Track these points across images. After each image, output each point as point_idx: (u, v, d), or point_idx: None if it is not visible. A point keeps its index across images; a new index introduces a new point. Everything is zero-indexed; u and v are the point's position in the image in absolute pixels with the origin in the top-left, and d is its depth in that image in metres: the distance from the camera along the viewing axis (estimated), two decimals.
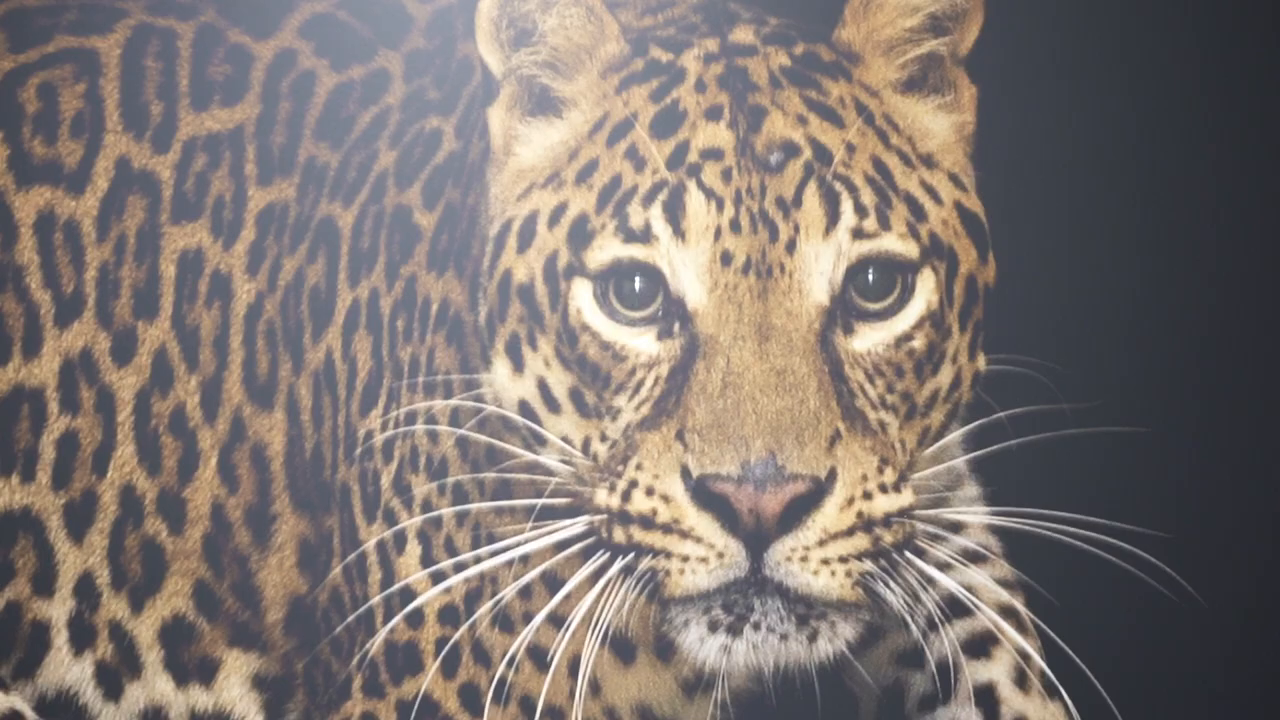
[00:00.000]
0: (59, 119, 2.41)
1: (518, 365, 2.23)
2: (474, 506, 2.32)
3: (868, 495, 2.09)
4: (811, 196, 2.13)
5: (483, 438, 2.31)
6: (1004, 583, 2.43)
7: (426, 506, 2.33)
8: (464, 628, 2.33)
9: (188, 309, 2.42)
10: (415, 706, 2.32)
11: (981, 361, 2.26)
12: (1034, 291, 2.52)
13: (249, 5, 2.51)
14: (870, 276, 2.16)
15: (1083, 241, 2.59)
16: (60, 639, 2.41)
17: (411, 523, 2.33)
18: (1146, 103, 2.66)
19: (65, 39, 2.44)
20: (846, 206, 2.13)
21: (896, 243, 2.14)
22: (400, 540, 2.34)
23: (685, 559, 2.10)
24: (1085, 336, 2.49)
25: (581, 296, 2.17)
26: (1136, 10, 2.67)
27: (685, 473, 2.07)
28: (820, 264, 2.13)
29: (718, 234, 2.14)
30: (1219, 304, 2.68)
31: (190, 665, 2.44)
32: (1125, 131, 2.67)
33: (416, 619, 2.32)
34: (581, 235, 2.19)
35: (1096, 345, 2.51)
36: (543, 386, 2.21)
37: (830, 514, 2.06)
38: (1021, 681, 2.39)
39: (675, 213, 2.14)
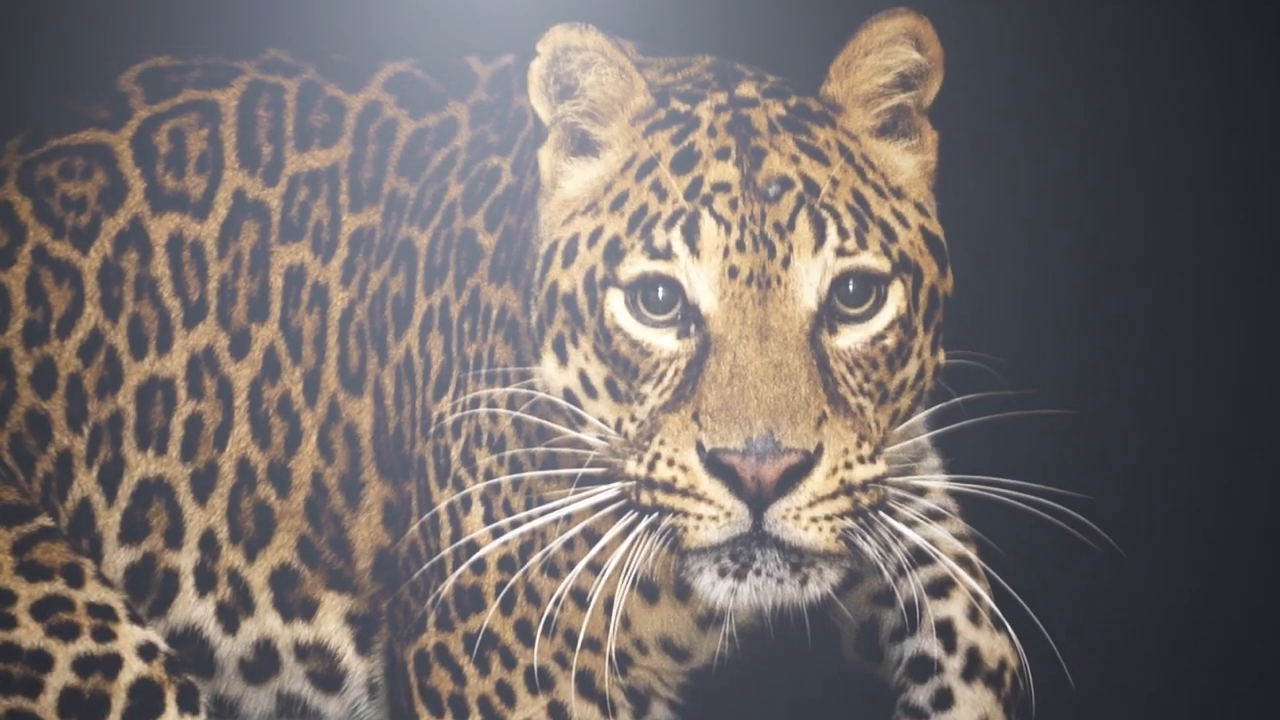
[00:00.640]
0: (186, 158, 2.62)
1: (562, 359, 2.40)
2: (527, 475, 2.49)
3: (848, 465, 2.26)
4: (803, 222, 2.31)
5: (534, 418, 2.46)
6: (960, 536, 2.60)
7: (488, 475, 2.51)
8: (519, 574, 2.50)
9: (292, 313, 2.62)
10: (479, 638, 2.49)
11: (941, 356, 2.43)
12: (985, 300, 2.55)
13: (342, 65, 2.67)
14: (850, 287, 2.31)
15: (1024, 261, 2.69)
16: (187, 584, 2.62)
17: (475, 488, 2.50)
18: (1080, 143, 2.75)
19: (192, 92, 2.63)
20: (831, 230, 2.30)
21: (872, 260, 2.31)
22: (466, 502, 2.52)
23: (699, 518, 2.27)
24: (1026, 337, 2.57)
25: (615, 303, 2.33)
26: (1075, 63, 2.80)
27: (699, 447, 2.23)
28: (810, 277, 2.31)
29: (726, 252, 2.32)
30: (1127, 314, 2.78)
31: (294, 605, 2.64)
32: (1064, 173, 2.77)
33: (480, 567, 2.50)
34: (615, 253, 2.36)
35: (1035, 344, 2.60)
36: (583, 377, 2.39)
37: (818, 480, 2.23)
38: (974, 617, 2.57)
39: (691, 235, 2.32)
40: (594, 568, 2.38)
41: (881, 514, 2.32)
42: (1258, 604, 2.75)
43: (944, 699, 2.54)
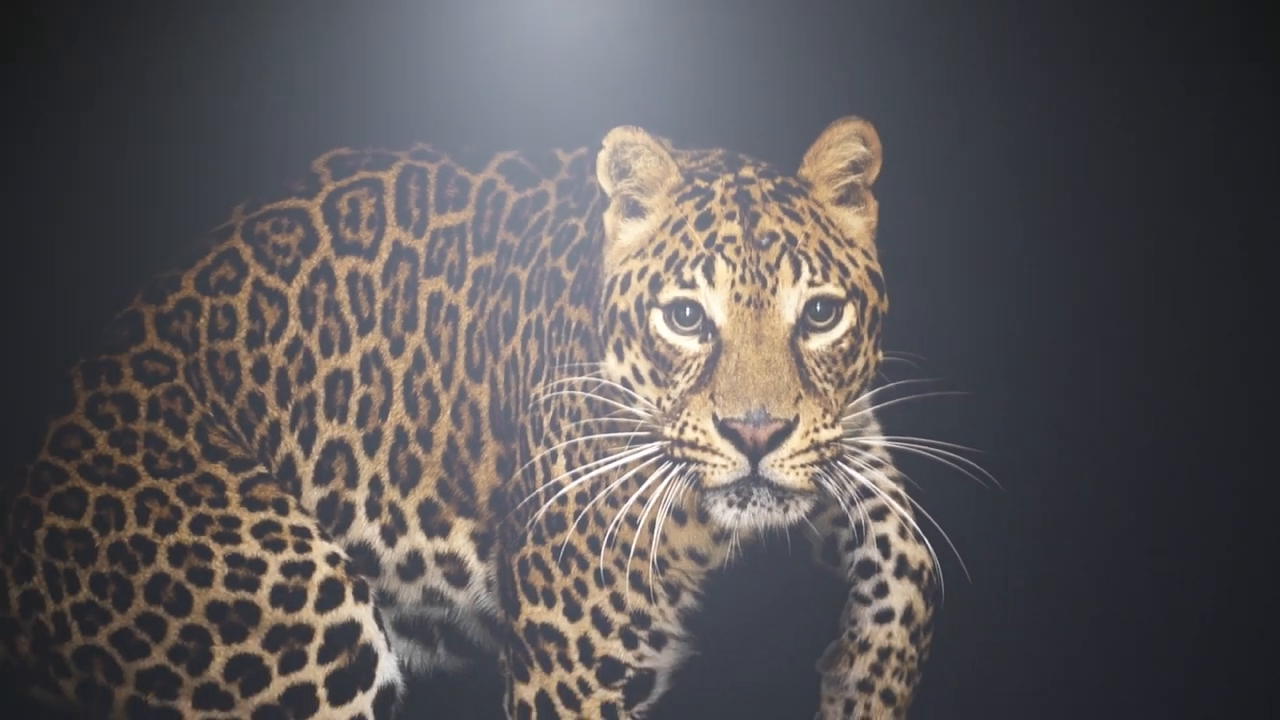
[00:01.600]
0: (360, 218, 3.08)
1: (620, 357, 2.85)
2: (595, 436, 2.92)
3: (816, 430, 2.73)
4: (785, 263, 2.78)
5: (600, 398, 2.90)
6: (892, 478, 3.07)
7: (568, 436, 2.96)
8: (589, 505, 2.93)
9: (433, 326, 3.06)
10: (562, 549, 2.94)
11: (880, 355, 2.90)
12: (909, 315, 2.98)
13: (468, 154, 3.10)
14: (818, 308, 2.78)
15: (936, 290, 3.06)
16: (360, 512, 3.06)
17: (560, 445, 2.95)
18: (991, 192, 3.10)
19: (364, 173, 3.09)
20: (804, 269, 2.77)
21: (833, 289, 2.78)
22: (554, 456, 2.96)
23: (714, 466, 2.72)
24: (937, 342, 2.99)
25: (656, 319, 2.79)
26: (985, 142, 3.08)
27: (714, 418, 2.69)
28: (790, 301, 2.77)
29: (733, 284, 2.77)
30: (1010, 321, 3.12)
31: (434, 527, 3.07)
32: (970, 227, 3.12)
33: (563, 500, 2.95)
34: (656, 284, 2.81)
35: (943, 347, 3.04)
36: (634, 369, 2.84)
37: (795, 440, 2.70)
38: (902, 534, 3.04)
39: (709, 272, 2.77)
40: (641, 500, 2.83)
41: (839, 463, 2.79)
42: (1104, 521, 3.15)
43: (881, 590, 3.00)
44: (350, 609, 2.94)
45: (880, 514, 3.04)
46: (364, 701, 2.93)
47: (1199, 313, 3.18)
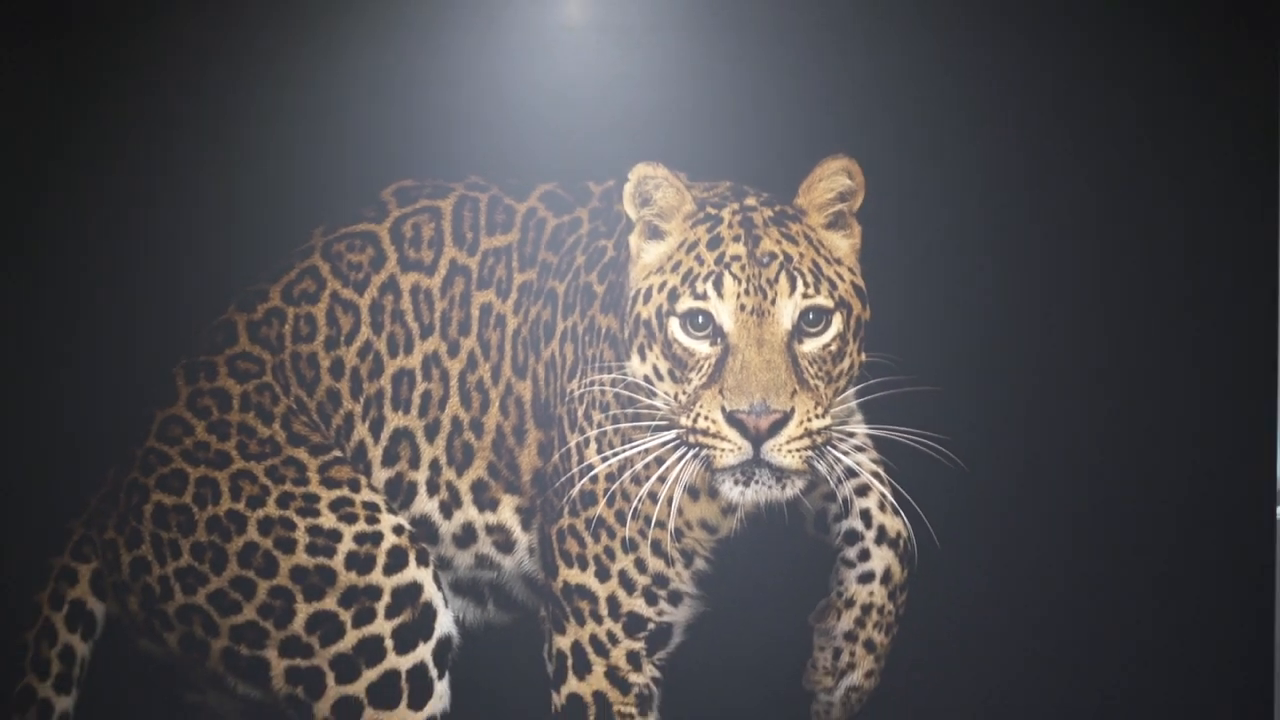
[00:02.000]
0: (421, 240, 3.16)
1: (642, 359, 2.99)
2: (622, 425, 3.05)
3: (809, 419, 2.89)
4: (783, 278, 2.93)
5: (625, 392, 3.04)
6: (873, 460, 3.12)
7: (599, 425, 3.08)
8: (617, 483, 3.05)
9: (484, 331, 3.15)
10: (594, 521, 3.06)
11: (863, 356, 3.02)
12: (887, 322, 3.06)
13: (513, 185, 3.16)
14: (810, 316, 2.93)
15: (910, 301, 3.14)
16: (421, 490, 3.16)
17: (592, 433, 3.07)
18: (959, 217, 3.15)
19: (425, 201, 3.17)
20: (799, 283, 2.92)
21: (823, 300, 2.93)
22: (586, 441, 3.08)
23: (723, 450, 2.89)
24: (912, 344, 3.10)
25: (673, 326, 2.94)
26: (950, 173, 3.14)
27: (723, 409, 2.86)
28: (787, 310, 2.91)
29: (738, 296, 2.92)
30: (975, 328, 3.17)
31: (485, 502, 3.17)
32: (928, 247, 3.16)
33: (594, 479, 3.07)
34: (674, 296, 2.94)
35: (918, 349, 3.11)
36: (655, 369, 2.98)
37: (791, 429, 2.87)
38: (882, 507, 3.12)
39: (719, 285, 2.92)
40: (661, 479, 2.98)
41: (828, 447, 2.94)
42: (1055, 495, 3.17)
43: (864, 555, 3.11)
44: (413, 572, 3.09)
45: (863, 491, 3.14)
46: (425, 651, 3.06)
47: (1138, 319, 3.21)
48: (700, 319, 2.93)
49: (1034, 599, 3.16)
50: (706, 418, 2.90)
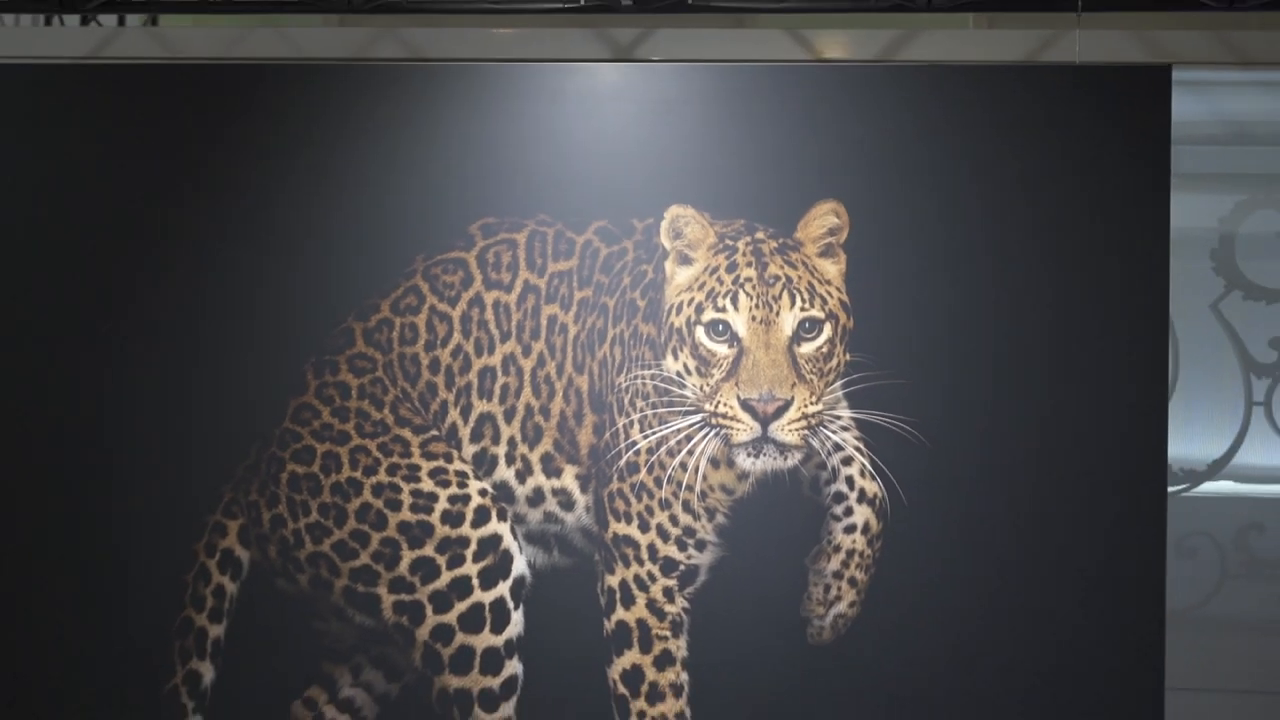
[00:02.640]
0: (501, 265, 3.39)
1: (675, 358, 3.26)
2: (659, 410, 3.30)
3: (805, 406, 3.20)
4: (785, 295, 3.22)
5: (662, 384, 3.30)
6: (856, 437, 3.35)
7: (641, 410, 3.32)
8: (655, 455, 3.31)
9: (550, 337, 3.37)
10: (637, 485, 3.32)
11: (848, 356, 3.30)
12: (867, 329, 3.27)
13: (574, 221, 3.40)
14: (806, 325, 3.23)
15: (885, 312, 3.30)
16: (501, 461, 3.39)
17: (635, 416, 3.32)
18: (928, 254, 3.36)
19: (504, 234, 3.39)
20: (798, 300, 3.22)
21: (816, 313, 3.23)
22: (631, 423, 3.32)
23: (738, 429, 3.21)
24: (886, 346, 3.29)
25: (700, 333, 3.23)
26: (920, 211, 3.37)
27: (738, 398, 3.17)
28: (788, 320, 3.21)
29: (750, 309, 3.21)
30: (940, 330, 3.37)
31: (551, 470, 3.39)
32: (919, 269, 3.38)
33: (636, 452, 3.32)
34: (700, 310, 3.22)
35: (891, 350, 3.29)
36: (685, 366, 3.25)
37: (792, 413, 3.19)
38: (863, 474, 3.35)
39: (736, 301, 3.21)
40: (689, 452, 3.27)
41: (820, 428, 3.26)
42: (1001, 463, 3.37)
43: (848, 511, 3.35)
44: (494, 526, 3.37)
45: (848, 461, 3.36)
46: (503, 587, 3.35)
47: (1059, 329, 3.43)
48: (720, 327, 3.23)
49: (980, 545, 3.42)
50: (725, 404, 3.21)
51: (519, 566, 3.40)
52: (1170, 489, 4.24)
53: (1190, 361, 4.49)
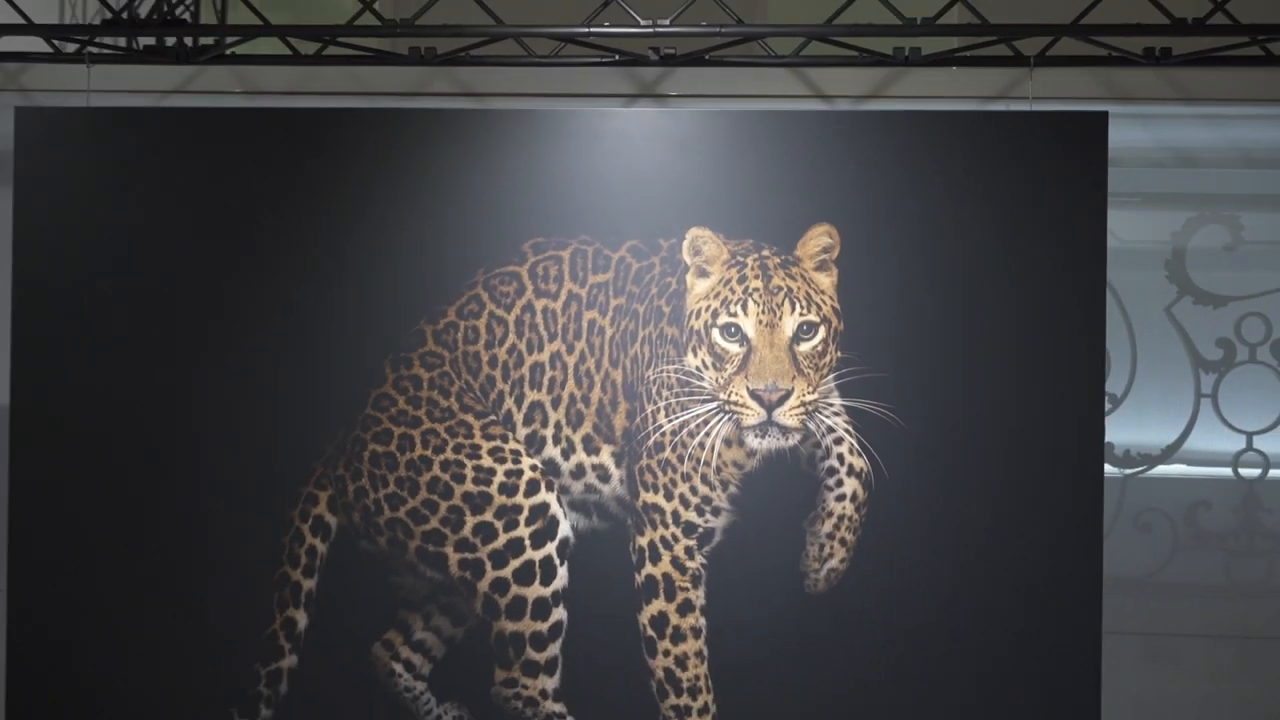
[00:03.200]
0: (549, 277, 3.70)
1: (695, 355, 3.59)
2: (681, 399, 3.64)
3: (804, 395, 3.54)
4: (786, 303, 3.56)
5: (683, 377, 3.64)
6: (845, 421, 3.68)
7: (666, 399, 3.66)
8: (678, 436, 3.65)
9: (590, 337, 3.70)
10: (663, 461, 3.65)
11: (838, 353, 3.64)
12: (855, 331, 3.55)
13: (609, 240, 3.71)
14: (804, 328, 3.55)
15: (870, 318, 3.53)
16: (549, 441, 3.73)
17: (661, 403, 3.65)
18: (908, 266, 3.65)
19: (551, 251, 3.70)
20: (797, 306, 3.55)
21: (813, 318, 3.56)
22: (658, 410, 3.64)
23: (747, 414, 3.56)
24: (869, 346, 3.69)
25: (715, 334, 3.55)
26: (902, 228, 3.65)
27: (747, 388, 3.50)
28: (789, 324, 3.54)
29: (757, 314, 3.54)
30: (916, 332, 3.64)
31: (591, 449, 3.72)
32: (901, 282, 3.67)
33: (662, 434, 3.66)
34: (715, 315, 3.56)
35: (873, 349, 3.57)
36: (703, 362, 3.58)
37: (792, 401, 3.53)
38: (851, 451, 3.67)
39: (746, 307, 3.53)
40: (706, 434, 3.61)
41: (816, 413, 3.60)
42: (967, 442, 3.63)
43: (839, 483, 3.68)
44: (543, 495, 3.73)
45: (839, 441, 3.71)
46: (551, 547, 3.72)
47: (1011, 330, 3.70)
48: (732, 329, 3.59)
49: (949, 511, 3.76)
50: (736, 394, 3.57)
51: (564, 529, 3.74)
52: (1127, 471, 4.82)
53: (1146, 358, 4.87)
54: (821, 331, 3.63)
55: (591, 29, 3.70)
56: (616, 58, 3.81)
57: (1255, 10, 4.03)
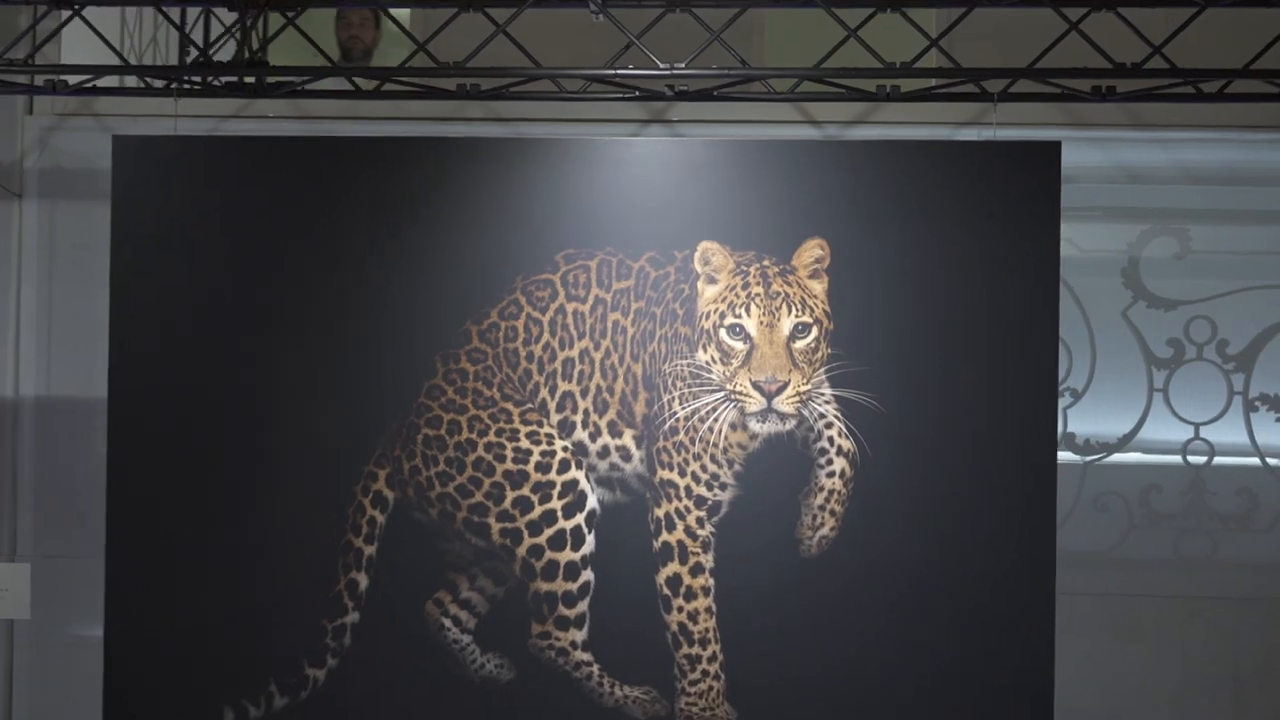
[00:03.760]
0: (578, 283, 4.10)
1: (705, 351, 4.00)
2: (693, 388, 4.06)
3: (799, 386, 3.96)
4: (784, 306, 3.97)
5: (695, 370, 4.05)
6: (835, 408, 4.09)
7: (679, 389, 4.07)
8: (690, 420, 4.06)
9: (614, 335, 4.10)
10: (678, 443, 4.05)
11: (828, 349, 4.07)
12: (842, 331, 4.00)
13: (631, 252, 4.09)
14: (799, 328, 3.96)
15: (859, 320, 4.03)
16: (578, 426, 4.14)
17: (675, 393, 4.07)
18: (889, 280, 4.09)
19: (579, 260, 4.09)
20: (793, 309, 3.96)
21: (807, 319, 3.97)
22: (672, 398, 4.06)
23: (750, 402, 4.00)
24: (855, 343, 4.04)
25: (722, 333, 3.97)
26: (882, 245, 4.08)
27: (750, 380, 3.92)
28: (786, 324, 3.95)
29: (759, 316, 3.96)
30: (895, 333, 4.09)
31: (615, 432, 4.13)
32: (888, 289, 4.09)
33: (677, 419, 4.07)
34: (722, 316, 3.97)
35: (858, 346, 4.05)
36: (711, 357, 4.00)
37: (789, 391, 3.95)
38: (840, 434, 4.08)
39: (748, 310, 3.95)
40: (715, 419, 4.02)
41: (809, 401, 4.02)
42: (937, 424, 4.01)
43: (829, 461, 4.08)
44: (573, 473, 4.17)
45: (829, 424, 4.13)
46: (580, 518, 4.14)
47: (972, 332, 4.05)
48: (737, 329, 4.01)
49: (923, 486, 4.22)
50: (740, 385, 4.02)
51: (591, 502, 4.16)
52: (1088, 458, 5.19)
53: (1104, 357, 5.24)
54: (814, 331, 4.07)
55: (616, 70, 4.18)
56: (637, 94, 4.31)
57: (1188, 54, 4.46)
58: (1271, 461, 5.21)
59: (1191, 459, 5.22)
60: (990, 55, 4.59)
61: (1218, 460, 5.21)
